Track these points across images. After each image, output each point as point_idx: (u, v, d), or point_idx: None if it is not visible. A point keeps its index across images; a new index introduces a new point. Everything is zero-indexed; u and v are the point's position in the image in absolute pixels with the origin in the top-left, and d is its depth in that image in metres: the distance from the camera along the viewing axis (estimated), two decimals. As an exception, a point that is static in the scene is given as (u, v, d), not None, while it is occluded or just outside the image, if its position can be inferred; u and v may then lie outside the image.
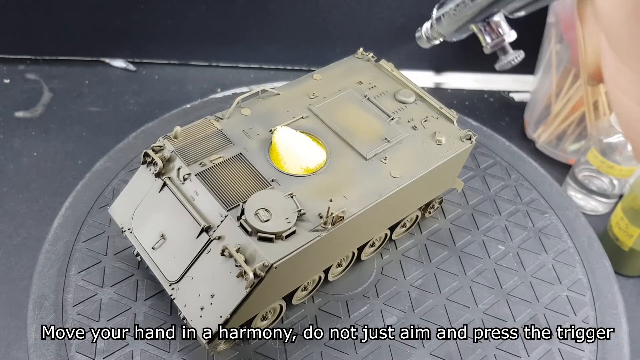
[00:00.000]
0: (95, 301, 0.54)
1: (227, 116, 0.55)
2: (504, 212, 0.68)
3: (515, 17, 0.29)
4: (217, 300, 0.45)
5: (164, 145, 0.51)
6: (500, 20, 0.30)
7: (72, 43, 1.40)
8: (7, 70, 1.40)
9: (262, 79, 1.46)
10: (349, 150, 0.54)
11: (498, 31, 0.30)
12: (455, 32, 0.32)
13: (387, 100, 0.59)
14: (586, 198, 1.19)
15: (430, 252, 0.62)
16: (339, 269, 0.58)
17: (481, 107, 1.45)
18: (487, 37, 0.30)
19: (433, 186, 0.59)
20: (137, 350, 0.51)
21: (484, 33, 0.30)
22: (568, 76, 1.20)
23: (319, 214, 0.47)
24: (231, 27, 1.39)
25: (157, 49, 1.43)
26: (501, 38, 0.30)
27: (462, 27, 0.31)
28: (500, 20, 0.30)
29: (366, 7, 1.37)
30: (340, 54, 0.66)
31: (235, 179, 0.49)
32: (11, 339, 0.96)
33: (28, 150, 1.24)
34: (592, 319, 0.59)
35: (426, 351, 0.54)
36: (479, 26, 0.30)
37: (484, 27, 0.30)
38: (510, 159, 0.74)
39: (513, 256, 0.63)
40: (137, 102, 1.37)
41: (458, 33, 0.32)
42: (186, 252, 0.47)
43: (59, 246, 0.58)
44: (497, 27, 0.30)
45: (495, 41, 0.30)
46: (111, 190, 0.64)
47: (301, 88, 0.60)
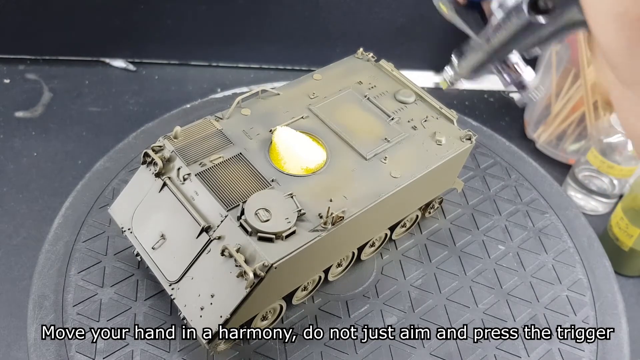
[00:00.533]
0: (95, 301, 0.54)
1: (227, 116, 0.55)
2: (504, 212, 0.68)
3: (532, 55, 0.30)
4: (217, 300, 0.45)
5: (164, 145, 0.51)
6: (518, 60, 0.32)
7: (72, 43, 1.40)
8: (7, 70, 1.40)
9: (262, 79, 1.46)
10: (349, 150, 0.54)
11: (515, 69, 0.32)
12: (474, 74, 0.34)
13: (387, 100, 0.59)
14: (586, 198, 1.19)
15: (430, 252, 0.62)
16: (339, 269, 0.58)
17: (481, 107, 1.45)
18: (506, 75, 0.32)
19: (433, 186, 0.59)
20: (137, 350, 0.51)
21: (502, 72, 0.32)
22: (568, 76, 1.20)
23: (319, 214, 0.47)
24: (231, 27, 1.39)
25: (157, 49, 1.43)
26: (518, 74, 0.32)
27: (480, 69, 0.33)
28: (518, 60, 0.32)
29: (366, 7, 1.37)
30: (340, 54, 0.66)
31: (235, 179, 0.49)
32: (11, 339, 0.96)
33: (28, 150, 1.24)
34: (592, 319, 0.59)
35: (426, 351, 0.54)
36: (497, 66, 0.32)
37: (501, 67, 0.32)
38: (510, 159, 0.74)
39: (513, 256, 0.63)
40: (137, 102, 1.37)
41: (478, 74, 0.34)
42: (186, 252, 0.47)
43: (59, 246, 0.58)
44: (515, 66, 0.32)
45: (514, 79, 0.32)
46: (111, 190, 0.64)
47: (301, 88, 0.60)
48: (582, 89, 1.17)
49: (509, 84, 0.33)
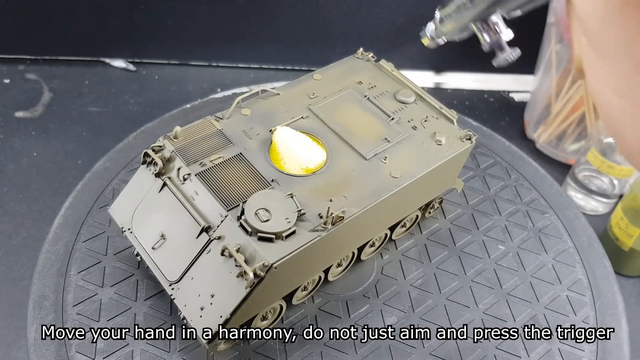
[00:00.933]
0: (95, 301, 0.54)
1: (227, 116, 0.55)
2: (504, 212, 0.68)
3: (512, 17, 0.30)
4: (217, 300, 0.45)
5: (164, 145, 0.51)
6: (498, 20, 0.32)
7: (72, 43, 1.40)
8: (7, 70, 1.40)
9: (262, 79, 1.46)
10: (349, 150, 0.54)
11: (495, 29, 0.31)
12: (456, 32, 0.34)
13: (387, 100, 0.59)
14: (586, 198, 1.19)
15: (430, 252, 0.62)
16: (339, 269, 0.58)
17: (481, 107, 1.45)
18: (485, 35, 0.32)
19: (433, 186, 0.59)
20: (137, 350, 0.51)
21: (482, 32, 0.32)
22: (568, 76, 1.20)
23: (319, 214, 0.47)
24: (231, 27, 1.39)
25: (157, 49, 1.44)
26: (498, 36, 0.31)
27: (462, 27, 0.33)
28: (498, 20, 0.32)
29: (366, 7, 1.37)
30: (340, 54, 0.66)
31: (235, 179, 0.49)
32: (11, 339, 0.96)
33: (28, 150, 1.24)
34: (592, 319, 0.59)
35: (426, 351, 0.54)
36: (478, 25, 0.32)
37: (482, 26, 0.31)
38: (510, 159, 0.74)
39: (513, 256, 0.63)
40: (137, 102, 1.37)
41: (459, 32, 0.34)
42: (186, 252, 0.47)
43: (59, 246, 0.58)
44: (495, 26, 0.32)
45: (493, 39, 0.32)
46: (111, 190, 0.64)
47: (301, 88, 0.60)
48: (582, 89, 1.17)
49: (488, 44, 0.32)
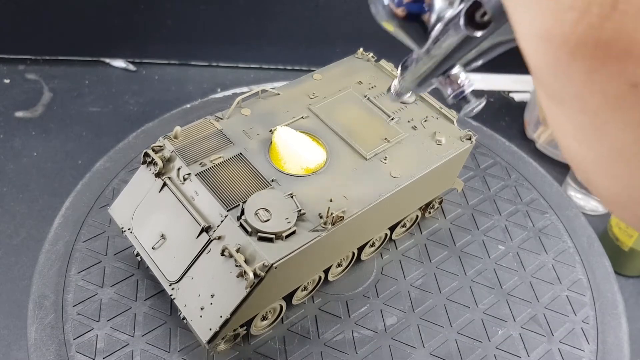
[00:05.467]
0: (95, 301, 0.54)
1: (227, 116, 0.55)
2: (504, 212, 0.68)
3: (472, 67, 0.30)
4: (217, 300, 0.45)
5: (164, 145, 0.51)
6: (459, 72, 0.31)
7: (72, 43, 1.40)
8: (7, 70, 1.40)
9: (262, 79, 1.46)
10: (349, 150, 0.54)
11: (457, 82, 0.31)
12: (419, 87, 0.34)
13: (387, 100, 0.59)
14: (586, 198, 1.19)
15: (430, 252, 0.62)
16: (339, 269, 0.58)
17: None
18: (449, 89, 0.31)
19: (433, 186, 0.59)
20: (137, 350, 0.51)
21: (444, 85, 0.31)
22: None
23: (319, 214, 0.47)
24: (231, 27, 1.39)
25: (157, 49, 1.44)
26: (461, 89, 0.31)
27: (424, 82, 0.33)
28: (459, 72, 0.31)
29: (366, 7, 1.36)
30: (340, 54, 0.66)
31: (235, 179, 0.49)
32: (11, 339, 0.96)
33: (28, 150, 1.24)
34: (592, 319, 0.59)
35: (426, 351, 0.54)
36: (440, 79, 0.31)
37: (444, 80, 0.31)
38: (510, 159, 0.74)
39: (513, 256, 0.63)
40: (137, 102, 1.37)
41: (422, 87, 0.34)
42: (186, 252, 0.47)
43: (59, 246, 0.58)
44: (456, 78, 0.31)
45: (456, 92, 0.31)
46: (111, 190, 0.64)
47: (301, 88, 0.60)
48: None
49: (451, 97, 0.32)
